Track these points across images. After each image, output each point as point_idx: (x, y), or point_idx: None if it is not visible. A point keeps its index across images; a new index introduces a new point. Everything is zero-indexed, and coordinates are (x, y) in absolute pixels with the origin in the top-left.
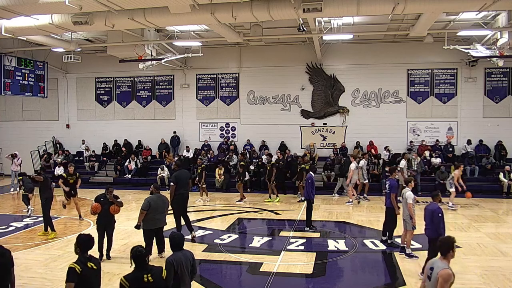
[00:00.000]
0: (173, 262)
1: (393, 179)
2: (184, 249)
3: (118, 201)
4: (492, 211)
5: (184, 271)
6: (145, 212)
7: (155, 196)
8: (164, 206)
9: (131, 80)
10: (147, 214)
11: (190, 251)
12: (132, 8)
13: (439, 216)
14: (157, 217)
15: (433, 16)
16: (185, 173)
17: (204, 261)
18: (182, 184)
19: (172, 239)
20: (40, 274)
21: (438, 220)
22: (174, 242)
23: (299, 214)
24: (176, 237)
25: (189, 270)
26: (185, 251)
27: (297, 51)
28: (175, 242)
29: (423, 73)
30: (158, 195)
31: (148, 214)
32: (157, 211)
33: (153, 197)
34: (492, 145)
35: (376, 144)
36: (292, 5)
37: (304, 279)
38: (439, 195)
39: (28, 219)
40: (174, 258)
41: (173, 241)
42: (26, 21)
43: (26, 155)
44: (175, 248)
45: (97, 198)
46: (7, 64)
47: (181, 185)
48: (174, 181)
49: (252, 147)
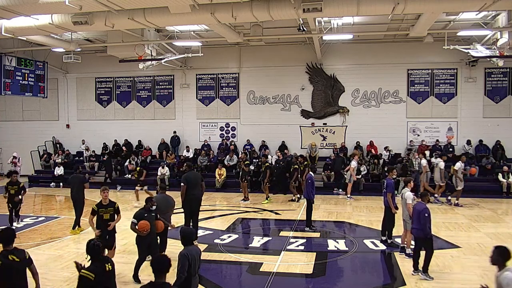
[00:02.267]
0: (187, 255)
1: (390, 178)
2: (193, 244)
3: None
4: (492, 211)
5: (196, 264)
6: None
7: (160, 196)
8: (168, 206)
9: (131, 80)
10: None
11: (198, 247)
12: (132, 8)
13: (425, 216)
14: (162, 217)
15: (433, 16)
16: (195, 175)
17: (204, 261)
18: (193, 185)
19: (184, 233)
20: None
21: (425, 220)
22: (185, 236)
23: (299, 214)
24: (188, 232)
25: (198, 265)
26: (194, 246)
27: (297, 51)
28: (187, 236)
29: (423, 73)
30: (163, 195)
31: None
32: (161, 211)
33: (158, 197)
34: (492, 145)
35: (376, 144)
36: (292, 5)
37: (304, 279)
38: (427, 195)
39: (28, 219)
40: (188, 252)
41: (185, 235)
42: (26, 21)
43: (26, 155)
44: (187, 242)
45: (140, 215)
46: (7, 64)
47: (191, 186)
48: (185, 182)
49: (252, 147)
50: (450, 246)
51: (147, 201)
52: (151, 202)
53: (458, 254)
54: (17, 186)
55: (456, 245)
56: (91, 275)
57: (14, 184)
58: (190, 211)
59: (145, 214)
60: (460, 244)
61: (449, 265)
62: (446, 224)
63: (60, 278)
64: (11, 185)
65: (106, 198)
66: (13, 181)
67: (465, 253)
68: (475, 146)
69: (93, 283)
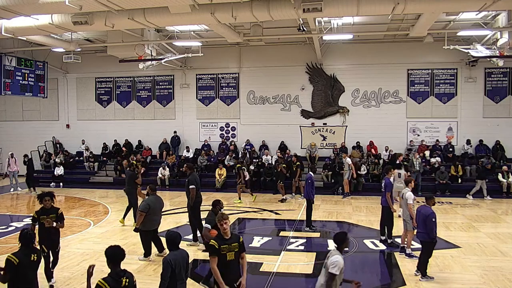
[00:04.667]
0: (170, 261)
1: (388, 178)
2: (180, 248)
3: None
4: (492, 211)
5: (181, 270)
6: (144, 214)
7: (152, 197)
8: (160, 207)
9: (131, 80)
10: (146, 216)
11: (186, 251)
12: (132, 8)
13: (432, 221)
14: (155, 218)
15: (433, 16)
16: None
17: (204, 261)
18: (199, 186)
19: (169, 238)
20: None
21: (431, 225)
22: (171, 241)
23: (299, 214)
24: (173, 236)
25: (185, 269)
26: (182, 250)
27: (297, 51)
28: (172, 241)
29: (423, 73)
30: (155, 196)
31: (147, 215)
32: (155, 212)
33: (151, 198)
34: (492, 145)
35: (376, 144)
36: (292, 5)
37: (304, 279)
38: (433, 198)
39: (28, 219)
40: (172, 258)
41: (170, 240)
42: (26, 21)
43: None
44: (172, 247)
45: (212, 221)
46: (7, 64)
47: (198, 187)
48: (195, 184)
49: (252, 147)
50: (450, 246)
51: (214, 204)
52: (219, 205)
53: (458, 254)
54: (54, 215)
55: (456, 245)
56: (16, 260)
57: (49, 212)
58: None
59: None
60: (460, 244)
61: (449, 265)
62: (446, 224)
63: (60, 278)
64: (45, 214)
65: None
66: (46, 207)
67: (465, 253)
68: (475, 146)
69: (16, 267)
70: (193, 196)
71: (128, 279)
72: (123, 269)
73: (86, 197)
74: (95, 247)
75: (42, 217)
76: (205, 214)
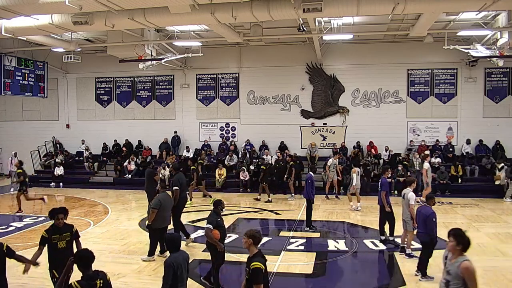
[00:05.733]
0: (172, 264)
1: (385, 177)
2: (181, 250)
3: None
4: (492, 211)
5: (183, 271)
6: (156, 210)
7: (164, 194)
8: (170, 205)
9: (131, 80)
10: (157, 213)
11: (186, 252)
12: (132, 8)
13: (433, 221)
14: (166, 215)
15: (433, 16)
16: (183, 176)
17: (204, 261)
18: (183, 187)
19: (170, 240)
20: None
21: (432, 225)
22: (172, 243)
23: (299, 214)
24: (173, 238)
25: (186, 271)
26: (182, 252)
27: (297, 51)
28: (173, 243)
29: (423, 73)
30: (166, 193)
31: (158, 212)
32: (166, 209)
33: (162, 195)
34: (492, 145)
35: (376, 144)
36: (292, 5)
37: (304, 279)
38: (433, 198)
39: (28, 219)
40: (174, 260)
41: (171, 242)
42: (26, 21)
43: (26, 155)
44: (173, 249)
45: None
46: (7, 64)
47: (182, 188)
48: (178, 185)
49: (252, 147)
50: None
51: (216, 204)
52: (221, 205)
53: None
54: (68, 233)
55: None
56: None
57: (62, 231)
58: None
59: (218, 219)
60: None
61: None
62: (446, 224)
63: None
64: (57, 233)
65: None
66: (58, 226)
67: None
68: (475, 146)
69: None
70: (176, 197)
71: (102, 280)
72: (95, 271)
73: (86, 197)
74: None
75: (54, 236)
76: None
